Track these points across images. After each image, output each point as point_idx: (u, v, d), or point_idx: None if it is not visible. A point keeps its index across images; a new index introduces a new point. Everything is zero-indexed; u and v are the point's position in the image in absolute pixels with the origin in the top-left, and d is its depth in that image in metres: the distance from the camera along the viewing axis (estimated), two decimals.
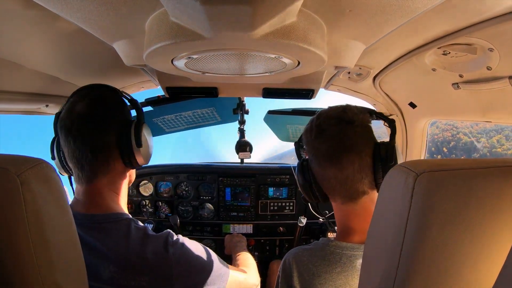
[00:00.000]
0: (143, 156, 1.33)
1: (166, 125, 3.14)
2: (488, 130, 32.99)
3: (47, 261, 0.73)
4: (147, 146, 1.35)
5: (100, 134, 1.26)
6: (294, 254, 1.30)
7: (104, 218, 1.24)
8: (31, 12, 1.02)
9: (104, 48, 1.30)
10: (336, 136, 1.26)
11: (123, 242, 1.20)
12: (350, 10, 0.92)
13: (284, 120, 3.30)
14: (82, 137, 1.24)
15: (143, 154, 1.32)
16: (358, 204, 1.28)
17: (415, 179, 0.71)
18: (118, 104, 1.35)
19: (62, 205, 0.80)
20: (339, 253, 1.21)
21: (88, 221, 1.22)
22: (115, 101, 1.35)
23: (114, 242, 1.20)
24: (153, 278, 1.19)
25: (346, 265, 1.18)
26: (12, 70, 1.37)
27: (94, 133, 1.25)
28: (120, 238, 1.21)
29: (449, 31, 1.26)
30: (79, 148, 1.24)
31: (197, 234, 2.99)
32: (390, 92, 2.25)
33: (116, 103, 1.35)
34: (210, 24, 0.81)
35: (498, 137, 31.99)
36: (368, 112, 1.33)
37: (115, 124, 1.29)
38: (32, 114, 1.89)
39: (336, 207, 1.37)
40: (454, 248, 0.71)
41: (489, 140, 32.31)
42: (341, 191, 1.28)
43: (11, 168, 0.68)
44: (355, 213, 1.29)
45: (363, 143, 1.26)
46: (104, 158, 1.28)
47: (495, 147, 31.64)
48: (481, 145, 32.00)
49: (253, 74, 1.35)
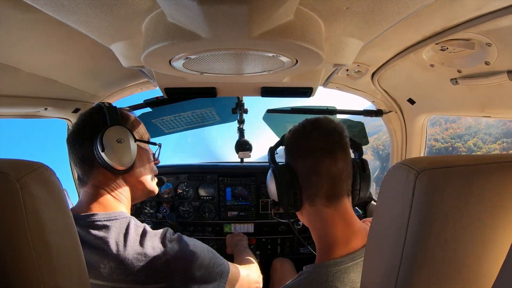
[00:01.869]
0: (111, 160, 1.33)
1: (165, 126, 3.14)
2: (462, 134, 33.14)
3: (48, 264, 0.73)
4: (112, 149, 1.33)
5: (81, 146, 1.37)
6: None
7: (104, 217, 1.27)
8: (28, 16, 1.02)
9: (102, 50, 1.30)
10: (333, 132, 1.27)
11: (123, 238, 1.23)
12: (347, 8, 0.92)
13: (283, 119, 3.31)
14: (73, 150, 1.39)
15: (110, 157, 1.33)
16: (340, 207, 1.26)
17: (416, 176, 0.71)
18: (95, 116, 1.42)
19: (62, 208, 0.80)
20: (325, 272, 1.17)
21: (89, 220, 1.25)
22: (93, 114, 1.42)
23: (113, 239, 1.22)
24: (152, 273, 1.21)
25: (334, 282, 1.14)
26: (10, 74, 1.37)
27: (77, 146, 1.37)
28: (119, 235, 1.24)
29: (447, 26, 1.26)
30: (73, 159, 1.42)
31: (198, 234, 2.99)
32: (389, 89, 2.25)
33: (94, 115, 1.42)
34: (207, 24, 0.81)
35: (474, 140, 32.05)
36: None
37: (92, 135, 1.35)
38: (32, 117, 1.89)
39: (314, 214, 1.31)
40: (456, 244, 0.71)
41: (465, 144, 32.33)
42: (328, 188, 1.26)
43: (10, 173, 0.68)
44: (336, 218, 1.26)
45: (347, 148, 1.30)
46: (89, 165, 1.39)
47: (474, 151, 31.68)
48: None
49: (251, 73, 1.34)
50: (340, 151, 1.25)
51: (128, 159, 1.40)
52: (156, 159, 1.65)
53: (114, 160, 1.33)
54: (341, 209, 1.26)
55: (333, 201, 1.26)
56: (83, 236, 1.20)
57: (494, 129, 49.98)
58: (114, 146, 1.33)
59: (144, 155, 1.52)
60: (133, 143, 1.42)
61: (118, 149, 1.35)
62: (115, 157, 1.34)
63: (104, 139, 1.31)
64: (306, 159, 1.27)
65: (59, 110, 1.93)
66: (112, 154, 1.33)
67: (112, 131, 1.34)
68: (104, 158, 1.31)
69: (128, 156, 1.40)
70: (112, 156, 1.33)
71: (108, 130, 1.33)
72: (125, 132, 1.39)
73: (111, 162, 1.33)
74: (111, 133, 1.34)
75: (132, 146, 1.41)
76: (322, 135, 1.27)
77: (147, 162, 1.55)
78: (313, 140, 1.27)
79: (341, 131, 1.28)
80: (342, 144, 1.27)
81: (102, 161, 1.33)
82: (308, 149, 1.27)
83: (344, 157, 1.26)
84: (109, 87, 2.15)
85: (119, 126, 1.38)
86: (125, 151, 1.38)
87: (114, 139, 1.34)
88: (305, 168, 1.27)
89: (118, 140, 1.35)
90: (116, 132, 1.36)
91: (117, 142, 1.35)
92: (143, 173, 1.51)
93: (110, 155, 1.32)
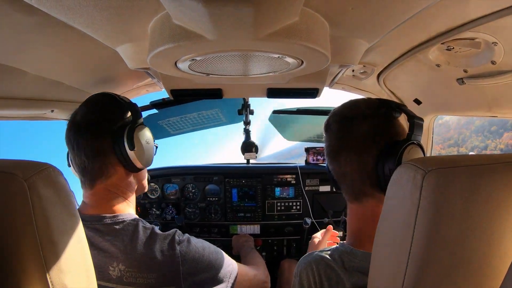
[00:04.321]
0: (139, 159, 1.32)
1: (172, 127, 3.15)
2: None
3: (56, 264, 0.74)
4: (142, 149, 1.33)
5: (95, 140, 1.28)
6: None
7: (111, 219, 1.27)
8: (35, 19, 1.03)
9: (108, 52, 1.31)
10: (337, 133, 1.25)
11: (131, 241, 1.22)
12: (353, 8, 0.92)
13: (289, 120, 3.31)
14: (78, 145, 1.28)
15: (138, 156, 1.31)
16: (362, 206, 1.23)
17: (423, 176, 0.71)
18: (113, 109, 1.35)
19: (70, 209, 0.80)
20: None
21: (96, 222, 1.24)
22: (110, 107, 1.35)
23: (122, 241, 1.22)
24: (161, 276, 1.21)
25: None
26: (17, 76, 1.37)
27: (88, 140, 1.28)
28: (128, 237, 1.23)
29: (452, 26, 1.25)
30: (78, 155, 1.29)
31: (204, 235, 2.97)
32: (395, 89, 2.24)
33: (112, 108, 1.35)
34: (213, 26, 0.82)
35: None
36: (386, 106, 1.23)
37: (109, 129, 1.30)
38: (39, 119, 1.90)
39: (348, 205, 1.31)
40: (463, 244, 0.71)
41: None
42: (343, 187, 1.27)
43: (18, 173, 0.69)
44: (360, 215, 1.25)
45: (367, 142, 1.18)
46: (101, 163, 1.30)
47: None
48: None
49: (257, 75, 1.34)
50: (347, 151, 1.23)
51: (150, 159, 1.42)
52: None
53: (141, 160, 1.33)
54: (364, 209, 1.25)
55: (353, 200, 1.27)
56: (90, 238, 1.18)
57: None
58: (144, 146, 1.33)
59: None
60: (153, 143, 1.45)
61: (145, 149, 1.35)
62: (142, 157, 1.33)
63: (134, 137, 1.29)
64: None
65: (65, 112, 1.94)
66: (139, 153, 1.32)
67: (142, 130, 1.35)
68: (130, 157, 1.29)
69: (150, 156, 1.42)
70: (139, 155, 1.32)
71: (138, 129, 1.32)
72: (150, 133, 1.41)
73: (136, 161, 1.32)
74: (141, 133, 1.34)
75: (153, 147, 1.44)
76: (329, 138, 1.29)
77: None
78: (325, 141, 1.32)
79: (349, 126, 1.25)
80: (346, 145, 1.24)
81: (126, 159, 1.30)
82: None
83: (351, 159, 1.22)
84: (116, 89, 2.16)
85: (143, 125, 1.38)
86: (150, 151, 1.41)
87: (144, 139, 1.34)
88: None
89: (147, 140, 1.37)
90: (145, 132, 1.37)
91: (146, 143, 1.36)
92: (145, 172, 1.52)
93: (137, 154, 1.31)
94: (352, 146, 1.19)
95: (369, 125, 1.19)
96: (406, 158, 1.07)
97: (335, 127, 1.26)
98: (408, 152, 1.09)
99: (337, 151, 1.23)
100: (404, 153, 1.09)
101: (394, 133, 1.19)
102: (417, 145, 1.13)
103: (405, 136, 1.17)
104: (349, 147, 1.20)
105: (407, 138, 1.15)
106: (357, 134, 1.19)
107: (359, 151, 1.18)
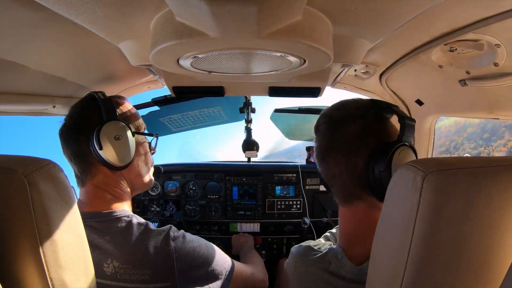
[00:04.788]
0: (110, 158, 1.29)
1: (173, 124, 3.15)
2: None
3: (54, 260, 0.74)
4: (110, 147, 1.29)
5: (73, 143, 1.32)
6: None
7: (105, 216, 1.27)
8: (37, 14, 1.03)
9: (110, 49, 1.31)
10: (326, 134, 1.23)
11: (125, 237, 1.23)
12: (356, 8, 0.92)
13: (290, 119, 3.30)
14: (63, 148, 1.35)
15: (109, 155, 1.28)
16: (353, 209, 1.21)
17: (423, 178, 0.71)
18: (89, 111, 1.35)
19: (69, 205, 0.81)
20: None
21: (90, 219, 1.24)
22: (86, 109, 1.36)
23: (116, 238, 1.22)
24: (156, 272, 1.21)
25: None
26: (19, 72, 1.37)
27: (71, 141, 1.33)
28: (122, 234, 1.24)
29: (455, 27, 1.24)
30: (68, 155, 1.35)
31: (204, 233, 2.99)
32: (397, 90, 2.24)
33: (87, 110, 1.36)
34: (215, 23, 0.81)
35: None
36: (376, 107, 1.20)
37: (84, 131, 1.30)
38: (40, 115, 1.90)
39: (339, 208, 1.30)
40: (462, 246, 0.71)
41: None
42: (334, 189, 1.25)
43: (18, 169, 0.69)
44: (351, 218, 1.24)
45: (356, 143, 1.15)
46: (84, 164, 1.34)
47: None
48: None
49: (259, 73, 1.34)
50: (335, 153, 1.22)
51: (127, 155, 1.36)
52: (153, 148, 1.60)
53: (113, 158, 1.30)
54: (353, 213, 1.25)
55: (342, 203, 1.27)
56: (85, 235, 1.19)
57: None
58: (112, 144, 1.29)
59: (141, 148, 1.49)
60: (131, 137, 1.39)
61: (117, 146, 1.31)
62: (114, 155, 1.30)
63: (101, 136, 1.26)
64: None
65: (67, 108, 1.94)
66: (110, 152, 1.29)
67: (109, 127, 1.30)
68: (102, 156, 1.27)
69: (127, 152, 1.36)
70: (110, 154, 1.29)
71: (105, 127, 1.28)
72: (122, 128, 1.35)
73: (110, 160, 1.29)
74: (108, 130, 1.29)
75: (130, 142, 1.37)
76: (317, 139, 1.29)
77: (145, 154, 1.52)
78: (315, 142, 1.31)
79: (338, 129, 1.23)
80: (335, 147, 1.22)
81: (100, 159, 1.28)
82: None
83: (339, 161, 1.20)
84: (117, 85, 2.16)
85: (115, 121, 1.33)
86: (124, 148, 1.35)
87: (112, 137, 1.30)
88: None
89: (116, 137, 1.31)
90: (113, 128, 1.31)
91: (115, 139, 1.31)
92: (141, 166, 1.49)
93: (108, 153, 1.28)
94: (341, 147, 1.17)
95: (359, 126, 1.15)
96: (397, 160, 1.05)
97: (324, 128, 1.24)
98: (399, 154, 1.06)
99: (326, 152, 1.22)
100: (394, 154, 1.06)
101: (386, 134, 1.16)
102: (408, 146, 1.10)
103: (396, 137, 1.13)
104: (337, 148, 1.18)
105: (398, 139, 1.11)
106: (346, 135, 1.16)
107: (347, 152, 1.15)
